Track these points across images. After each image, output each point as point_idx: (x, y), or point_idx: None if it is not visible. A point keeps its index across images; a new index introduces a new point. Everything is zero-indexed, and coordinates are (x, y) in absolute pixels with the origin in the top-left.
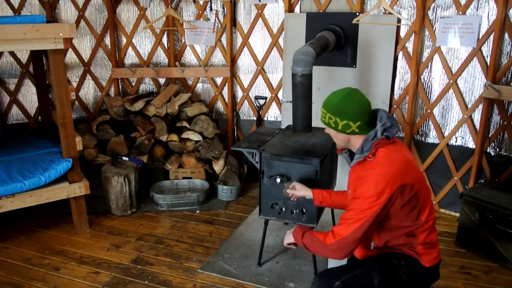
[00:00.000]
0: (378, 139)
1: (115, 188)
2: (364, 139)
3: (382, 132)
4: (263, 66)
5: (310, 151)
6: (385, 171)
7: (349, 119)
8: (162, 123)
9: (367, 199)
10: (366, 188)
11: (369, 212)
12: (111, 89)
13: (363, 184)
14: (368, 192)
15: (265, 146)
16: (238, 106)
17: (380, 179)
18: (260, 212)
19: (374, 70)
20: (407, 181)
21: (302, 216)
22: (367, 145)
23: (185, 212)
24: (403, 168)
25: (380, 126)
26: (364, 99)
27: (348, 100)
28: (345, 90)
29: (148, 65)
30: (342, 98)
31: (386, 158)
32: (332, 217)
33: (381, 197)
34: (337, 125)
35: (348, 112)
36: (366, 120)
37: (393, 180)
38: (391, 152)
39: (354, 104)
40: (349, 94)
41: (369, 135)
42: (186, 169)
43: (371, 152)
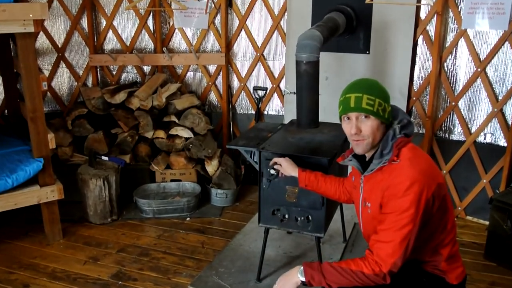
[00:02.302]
0: (398, 138)
1: (93, 192)
2: (382, 141)
3: (400, 130)
4: (263, 53)
5: (317, 149)
6: (418, 172)
7: (388, 103)
8: (147, 117)
9: (405, 212)
10: (401, 199)
11: (412, 226)
12: (89, 78)
13: (395, 194)
14: (405, 203)
15: (265, 143)
16: (234, 98)
17: (415, 183)
18: (260, 219)
19: (391, 57)
20: (440, 179)
21: (308, 224)
22: (386, 147)
23: (174, 220)
24: (431, 167)
25: (396, 124)
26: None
27: (381, 84)
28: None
29: (131, 51)
30: (378, 83)
31: (414, 158)
32: (342, 225)
33: (420, 203)
34: (384, 112)
35: (387, 95)
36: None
37: (429, 180)
38: (414, 152)
39: (386, 90)
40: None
41: (387, 135)
42: (174, 170)
43: (393, 153)
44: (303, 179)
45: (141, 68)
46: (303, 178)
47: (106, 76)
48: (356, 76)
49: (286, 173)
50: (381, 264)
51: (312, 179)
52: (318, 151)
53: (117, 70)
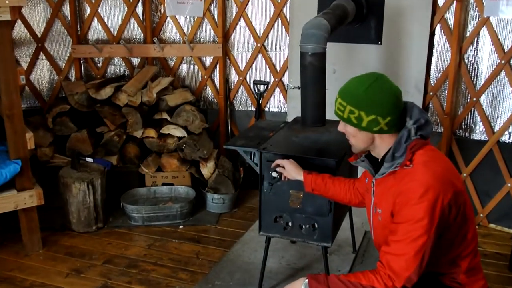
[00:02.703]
0: (412, 140)
1: (76, 197)
2: (395, 142)
3: (415, 131)
4: (264, 43)
5: (324, 150)
6: (433, 178)
7: (378, 114)
8: (136, 114)
9: (418, 222)
10: (413, 208)
11: (426, 238)
12: (71, 71)
13: (408, 202)
14: (418, 212)
15: (266, 143)
16: (232, 93)
17: (429, 189)
18: (261, 227)
19: (405, 48)
20: (459, 186)
21: (314, 232)
22: (400, 149)
23: (165, 228)
24: (450, 171)
25: (412, 124)
26: (395, 87)
27: (378, 89)
28: (371, 76)
29: (119, 42)
30: (370, 85)
31: (429, 162)
32: (351, 233)
33: (434, 212)
34: (360, 122)
35: (378, 104)
36: (397, 114)
37: (445, 186)
38: (431, 154)
39: (385, 93)
40: (377, 80)
41: (400, 136)
42: (166, 173)
43: (406, 157)
44: (309, 183)
45: (130, 60)
46: (309, 181)
47: (90, 69)
48: (366, 69)
49: (290, 176)
50: (394, 278)
51: (319, 182)
52: (325, 152)
53: (103, 62)
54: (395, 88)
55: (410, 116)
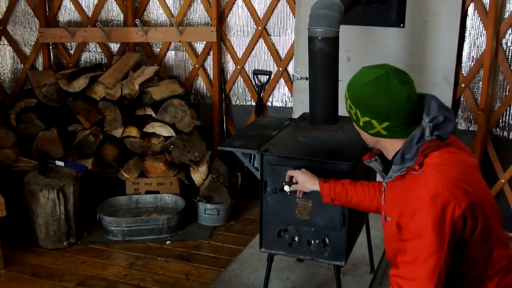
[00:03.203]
0: (426, 141)
1: (45, 207)
2: (405, 142)
3: (431, 130)
4: (266, 26)
5: (337, 153)
6: (443, 184)
7: (372, 116)
8: (115, 110)
9: (426, 238)
10: (419, 220)
11: (439, 257)
12: (39, 59)
13: (414, 215)
14: (425, 225)
15: (268, 144)
16: (228, 85)
17: (437, 197)
18: (262, 243)
19: (432, 32)
20: (476, 196)
21: (324, 249)
22: (410, 151)
23: (150, 244)
24: (467, 178)
25: (428, 122)
26: (401, 90)
27: (373, 89)
28: (378, 70)
29: (94, 24)
30: (369, 82)
31: (440, 167)
32: (368, 250)
33: (444, 225)
34: (358, 120)
35: (370, 106)
36: (401, 120)
37: (458, 195)
38: (448, 157)
39: (380, 96)
40: (380, 78)
41: (412, 136)
42: (151, 179)
43: (416, 161)
44: (327, 193)
45: (107, 46)
46: (326, 191)
47: (61, 56)
48: (386, 57)
49: (306, 189)
50: None
51: (339, 191)
52: (338, 154)
53: (76, 48)
54: (402, 91)
55: (427, 112)
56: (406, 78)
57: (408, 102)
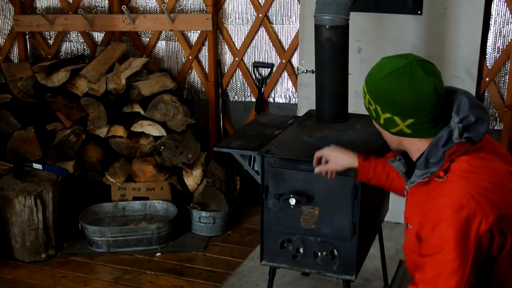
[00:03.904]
0: (454, 144)
1: (21, 215)
2: (431, 144)
3: (460, 132)
4: (268, 13)
5: None
6: (469, 194)
7: (394, 113)
8: (99, 107)
9: (448, 254)
10: (440, 233)
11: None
12: (13, 50)
13: (435, 227)
14: (447, 239)
15: (270, 145)
16: (225, 79)
17: (462, 208)
18: (263, 255)
19: (453, 20)
20: (506, 209)
21: (333, 261)
22: (435, 155)
23: (138, 256)
24: (498, 188)
25: (457, 123)
26: (426, 82)
27: (395, 81)
28: (400, 60)
29: (76, 11)
30: (389, 74)
31: (468, 174)
32: (382, 263)
33: (468, 240)
34: (378, 117)
35: (392, 101)
36: (427, 116)
37: (485, 207)
38: (477, 163)
39: (404, 89)
40: (403, 68)
41: (439, 137)
42: (139, 183)
43: (441, 167)
44: (365, 172)
45: (90, 35)
46: (366, 169)
47: (39, 47)
48: (401, 48)
49: (340, 167)
50: None
51: (380, 171)
52: None
53: (56, 38)
54: (428, 83)
55: (456, 110)
56: (432, 69)
57: (435, 95)
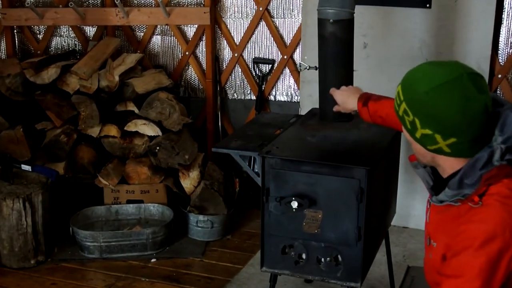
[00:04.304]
0: (494, 167)
1: (8, 219)
2: (467, 165)
3: (502, 153)
4: (268, 7)
5: (351, 155)
6: (504, 225)
7: (436, 130)
8: (91, 105)
9: (469, 283)
10: (466, 260)
11: None
12: (1, 45)
13: (462, 252)
14: (472, 269)
15: (271, 145)
16: (224, 76)
17: (495, 238)
18: (263, 261)
19: (463, 13)
20: None
21: (337, 268)
22: (471, 176)
23: (132, 262)
24: None
25: (500, 143)
26: (477, 100)
27: (443, 96)
28: (451, 71)
29: (67, 4)
30: (438, 87)
31: (507, 200)
32: (388, 269)
33: (496, 272)
34: (414, 130)
35: (437, 118)
36: (470, 136)
37: None
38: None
39: (452, 107)
40: (450, 84)
41: (477, 158)
42: (133, 185)
43: (477, 191)
44: (366, 117)
45: (82, 29)
46: (366, 116)
47: (27, 42)
48: (408, 43)
49: (348, 110)
50: None
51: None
52: (353, 157)
53: (45, 33)
54: (479, 101)
55: (501, 128)
56: (483, 84)
57: (484, 115)
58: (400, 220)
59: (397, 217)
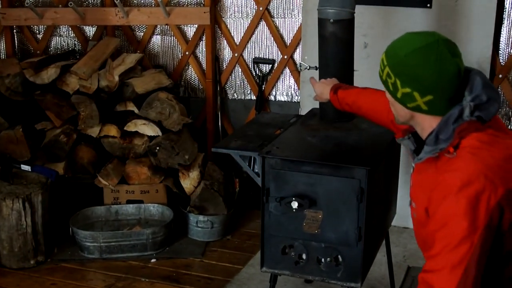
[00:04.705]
0: (464, 122)
1: (8, 220)
2: (441, 122)
3: (472, 111)
4: (268, 6)
5: (351, 155)
6: (478, 169)
7: (414, 88)
8: (90, 105)
9: (456, 225)
10: (447, 208)
11: (468, 246)
12: (0, 45)
13: (442, 202)
14: (455, 212)
15: (271, 146)
16: (224, 76)
17: (470, 183)
18: (263, 261)
19: (464, 13)
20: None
21: (337, 268)
22: (445, 131)
23: (132, 262)
24: (508, 165)
25: (469, 101)
26: (453, 61)
27: (421, 58)
28: (427, 38)
29: (67, 4)
30: (416, 50)
31: (477, 150)
32: (389, 269)
33: (477, 213)
34: (396, 90)
35: (415, 77)
36: (445, 95)
37: (494, 181)
38: (487, 140)
39: (429, 67)
40: (430, 46)
41: (449, 115)
42: (133, 186)
43: (451, 143)
44: (337, 105)
45: (81, 29)
46: (337, 104)
47: (27, 42)
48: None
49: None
50: None
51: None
52: (353, 157)
53: (45, 32)
54: (453, 64)
55: (470, 89)
56: (456, 50)
57: (457, 77)
58: (401, 221)
59: (397, 217)
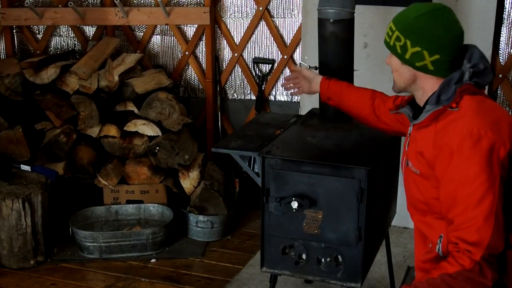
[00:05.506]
0: (464, 84)
1: (8, 220)
2: (444, 82)
3: (470, 76)
4: (268, 6)
5: (352, 155)
6: (485, 125)
7: (424, 47)
8: (90, 105)
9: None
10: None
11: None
12: (0, 45)
13: (454, 159)
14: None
15: (271, 146)
16: (224, 76)
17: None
18: (263, 261)
19: (464, 13)
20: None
21: (337, 268)
22: (447, 91)
23: (132, 262)
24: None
25: (468, 67)
26: (457, 25)
27: (431, 19)
28: (433, 5)
29: (66, 4)
30: (424, 13)
31: (478, 110)
32: (389, 269)
33: (492, 165)
34: (404, 52)
35: (426, 35)
36: (449, 56)
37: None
38: (484, 102)
39: (438, 26)
40: (437, 11)
41: (451, 77)
42: (133, 186)
43: (454, 100)
44: (325, 91)
45: (81, 29)
46: (325, 89)
47: (27, 42)
48: None
49: (311, 92)
50: (470, 250)
51: (336, 90)
52: (353, 157)
53: (45, 32)
54: (457, 27)
55: (468, 58)
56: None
57: (461, 38)
58: (401, 221)
59: (397, 217)
